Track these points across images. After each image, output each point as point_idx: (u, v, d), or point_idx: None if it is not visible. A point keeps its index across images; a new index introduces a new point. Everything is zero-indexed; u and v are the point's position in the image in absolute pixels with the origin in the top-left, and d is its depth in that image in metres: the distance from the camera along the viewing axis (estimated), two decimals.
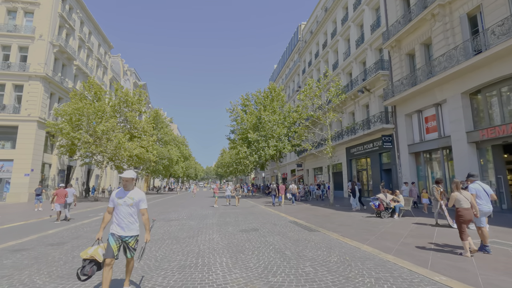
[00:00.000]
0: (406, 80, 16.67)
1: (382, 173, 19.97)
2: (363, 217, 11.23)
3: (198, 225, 9.93)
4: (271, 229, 8.85)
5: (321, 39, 31.36)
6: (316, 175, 32.84)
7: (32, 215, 13.58)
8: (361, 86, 21.03)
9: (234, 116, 29.92)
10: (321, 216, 11.90)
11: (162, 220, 11.19)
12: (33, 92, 24.29)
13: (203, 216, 12.51)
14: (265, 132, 26.38)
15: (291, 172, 42.28)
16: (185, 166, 66.29)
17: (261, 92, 29.91)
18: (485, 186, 5.81)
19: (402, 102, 17.36)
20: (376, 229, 8.44)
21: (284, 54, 48.65)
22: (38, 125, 23.99)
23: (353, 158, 24.03)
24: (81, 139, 21.86)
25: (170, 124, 49.98)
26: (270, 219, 11.40)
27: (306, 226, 9.20)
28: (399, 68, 17.89)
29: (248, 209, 15.69)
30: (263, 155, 25.99)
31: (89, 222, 10.95)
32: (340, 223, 9.76)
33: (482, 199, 5.62)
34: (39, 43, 25.10)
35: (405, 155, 17.44)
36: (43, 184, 26.19)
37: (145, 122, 28.16)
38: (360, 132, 21.14)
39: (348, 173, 24.53)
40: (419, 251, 5.72)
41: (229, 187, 18.37)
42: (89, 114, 22.18)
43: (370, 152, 21.21)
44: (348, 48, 25.53)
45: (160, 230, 8.87)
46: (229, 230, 8.76)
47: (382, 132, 19.13)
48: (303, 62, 37.90)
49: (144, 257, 5.44)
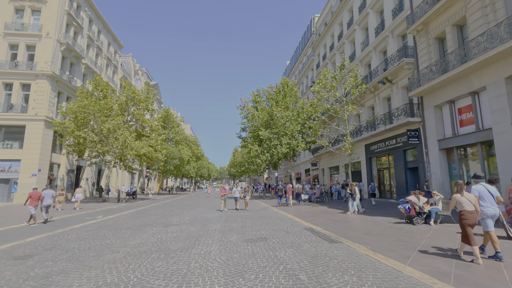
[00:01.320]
0: (435, 67, 14.76)
1: (407, 172, 18.05)
2: (391, 224, 9.57)
3: (198, 232, 8.60)
4: (283, 238, 7.40)
5: (336, 30, 29.51)
6: (332, 174, 31.00)
7: (25, 218, 12.70)
8: (382, 77, 19.17)
9: (244, 113, 28.56)
10: (341, 222, 10.31)
11: (160, 226, 9.95)
12: (40, 91, 23.87)
13: (206, 221, 11.20)
14: (277, 130, 24.88)
15: (305, 172, 40.53)
16: (198, 166, 65.73)
17: (273, 88, 28.41)
18: (490, 187, 5.43)
19: (430, 92, 15.44)
20: (414, 240, 6.82)
21: (297, 49, 46.92)
22: (45, 124, 23.53)
23: (373, 156, 22.14)
24: (87, 138, 21.13)
25: (182, 123, 49.42)
26: (282, 224, 9.93)
27: (325, 235, 7.68)
28: (426, 54, 15.96)
29: (258, 212, 14.28)
30: (275, 154, 24.51)
31: (80, 227, 9.86)
32: (366, 231, 8.17)
33: (486, 201, 5.26)
34: (46, 41, 24.67)
35: (434, 152, 15.51)
36: (52, 185, 25.81)
37: (153, 120, 27.24)
38: (381, 127, 19.27)
39: (368, 172, 22.65)
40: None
41: (237, 188, 15.94)
42: (94, 112, 21.42)
43: (392, 149, 19.31)
44: (367, 37, 23.64)
45: (152, 238, 7.61)
46: (232, 239, 7.37)
47: (407, 127, 17.24)
48: (317, 56, 36.10)
49: (110, 282, 4.13)
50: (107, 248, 6.47)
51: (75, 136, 21.09)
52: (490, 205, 5.23)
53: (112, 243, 6.99)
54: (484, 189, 5.38)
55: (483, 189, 5.37)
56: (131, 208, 18.10)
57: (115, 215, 13.73)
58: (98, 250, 6.29)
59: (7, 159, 22.81)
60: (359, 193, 13.90)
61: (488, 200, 5.26)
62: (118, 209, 17.47)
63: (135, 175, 47.55)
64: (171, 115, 45.86)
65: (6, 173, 22.80)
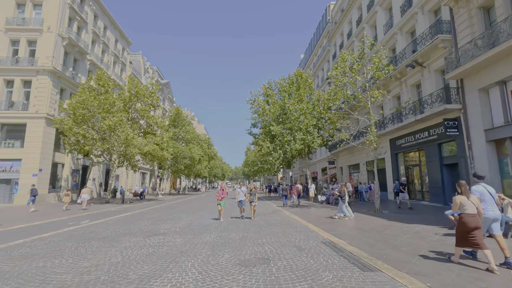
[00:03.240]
0: (482, 41, 12.10)
1: (443, 170, 15.37)
2: (440, 236, 7.22)
3: (183, 246, 6.64)
4: (292, 260, 5.30)
5: (355, 15, 26.90)
6: (351, 173, 28.38)
7: (14, 221, 11.24)
8: (411, 60, 16.56)
9: (255, 108, 26.45)
10: (371, 231, 8.05)
11: (142, 235, 8.07)
12: (41, 87, 22.88)
13: (202, 228, 9.24)
14: (290, 124, 22.65)
15: (322, 171, 37.94)
16: (211, 166, 64.35)
17: (285, 79, 26.18)
18: (490, 188, 5.11)
19: (474, 72, 12.79)
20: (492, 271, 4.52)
21: (311, 42, 44.36)
22: (46, 122, 22.49)
23: (399, 151, 19.48)
24: (87, 135, 19.80)
25: (196, 123, 48.25)
26: (294, 235, 7.80)
27: (353, 255, 5.50)
28: (468, 28, 13.29)
29: (267, 217, 12.19)
30: (289, 151, 22.28)
31: (48, 236, 8.16)
32: (410, 249, 5.92)
33: (487, 204, 4.94)
34: (47, 36, 23.68)
35: (480, 144, 12.84)
36: (56, 185, 24.87)
37: (158, 117, 25.72)
38: (410, 118, 16.65)
39: (394, 170, 20.00)
40: None
41: (242, 188, 11.88)
42: (93, 108, 20.06)
43: (424, 143, 16.65)
44: (390, 18, 20.99)
45: (116, 257, 5.70)
46: (222, 260, 5.35)
47: (444, 116, 14.59)
48: (333, 46, 33.51)
49: None
50: (42, 274, 4.62)
51: (74, 134, 19.80)
52: (490, 208, 4.94)
53: (59, 265, 5.15)
54: (485, 190, 5.04)
55: (484, 190, 5.03)
56: (129, 210, 16.51)
57: (104, 219, 12.07)
58: (25, 278, 4.44)
59: (8, 158, 21.92)
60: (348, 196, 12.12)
61: (489, 203, 4.95)
62: (115, 211, 15.92)
63: (146, 175, 46.64)
64: (182, 113, 44.56)
65: (8, 173, 21.91)
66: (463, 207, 4.77)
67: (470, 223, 4.63)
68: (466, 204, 4.73)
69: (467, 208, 4.71)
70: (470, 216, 4.66)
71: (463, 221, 4.71)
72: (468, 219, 4.65)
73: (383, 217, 11.26)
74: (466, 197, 4.80)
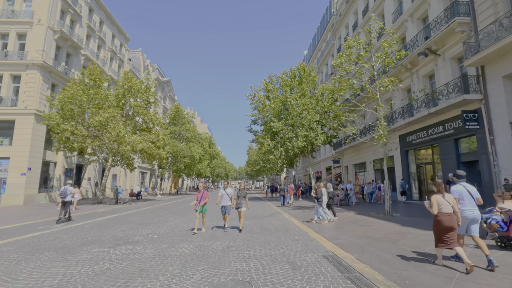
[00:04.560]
0: (508, 20, 10.60)
1: (461, 168, 13.83)
2: (470, 248, 5.80)
3: (148, 260, 5.34)
4: (282, 284, 3.94)
5: (361, 5, 25.37)
6: (357, 172, 26.88)
7: None
8: (424, 47, 15.06)
9: (255, 104, 25.08)
10: (384, 241, 6.65)
11: (108, 244, 6.79)
12: (30, 82, 21.84)
13: (183, 235, 7.94)
14: (292, 120, 21.27)
15: (326, 170, 36.44)
16: (213, 165, 63.13)
17: (287, 73, 24.78)
18: (470, 187, 4.94)
19: (498, 57, 11.30)
20: None
21: (315, 36, 42.86)
22: (35, 119, 21.44)
23: (410, 148, 17.95)
24: (75, 132, 18.67)
25: (200, 123, 47.07)
26: (290, 246, 6.45)
27: (364, 279, 4.12)
28: (491, 7, 11.78)
29: (263, 221, 10.86)
30: (291, 148, 20.89)
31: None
32: (441, 269, 4.52)
33: (466, 204, 4.81)
34: (37, 29, 22.64)
35: (504, 138, 11.34)
36: (48, 185, 23.85)
37: (154, 113, 24.51)
38: (422, 111, 15.14)
39: (404, 169, 18.47)
40: None
41: (227, 190, 8.83)
42: (82, 103, 18.92)
43: (438, 139, 15.13)
44: (399, 5, 19.47)
45: (56, 276, 4.42)
46: (188, 284, 4.02)
47: (462, 107, 13.07)
48: (337, 39, 32.00)
49: None
50: None
51: (62, 130, 18.68)
52: (469, 207, 4.78)
53: None
54: (465, 189, 4.90)
55: (463, 189, 4.90)
56: (118, 212, 15.31)
57: (82, 222, 10.87)
58: None
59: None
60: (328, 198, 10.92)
61: (467, 202, 4.82)
62: (102, 213, 14.73)
63: (146, 175, 45.62)
64: (182, 111, 43.40)
65: None
66: (439, 206, 4.67)
67: (444, 222, 4.55)
68: (442, 203, 4.65)
69: (443, 207, 4.63)
70: (446, 215, 4.58)
71: (438, 220, 4.62)
72: (443, 218, 4.57)
73: (396, 221, 9.83)
74: (441, 196, 4.69)
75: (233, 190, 8.97)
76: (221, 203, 8.77)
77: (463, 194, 4.86)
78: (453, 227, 4.53)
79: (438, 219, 4.64)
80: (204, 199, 8.39)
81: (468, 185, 4.98)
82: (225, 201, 8.71)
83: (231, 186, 10.56)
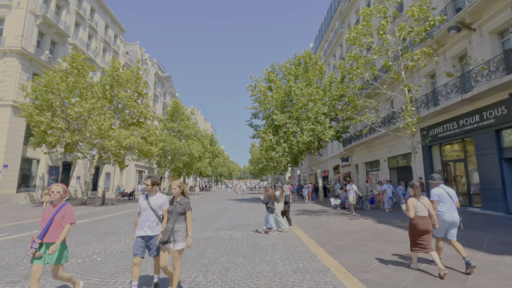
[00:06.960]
0: None
1: (504, 165, 11.26)
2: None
3: None
4: None
5: None
6: (369, 171, 24.31)
7: None
8: (455, 20, 12.50)
9: (256, 95, 22.73)
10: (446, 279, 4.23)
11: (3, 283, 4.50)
12: (8, 71, 19.82)
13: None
14: (296, 113, 18.88)
15: (334, 169, 33.88)
16: (215, 164, 60.94)
17: (291, 61, 22.37)
18: (450, 190, 4.88)
19: None
20: None
21: (321, 27, 40.30)
22: (13, 111, 19.42)
23: (434, 143, 15.34)
24: (51, 125, 16.56)
25: (199, 118, 44.98)
26: (284, 279, 4.06)
27: None
28: None
29: (256, 232, 8.48)
30: (295, 143, 18.51)
31: None
32: None
33: (445, 207, 4.70)
34: (16, 13, 20.63)
35: None
36: (30, 184, 21.84)
37: (144, 106, 22.29)
38: (453, 99, 12.58)
39: (426, 167, 15.87)
40: None
41: (153, 201, 3.95)
42: (59, 92, 16.79)
43: (473, 131, 12.55)
44: None
45: None
46: None
47: (509, 90, 10.50)
48: (346, 27, 29.43)
49: None
50: None
51: (36, 123, 16.58)
52: (448, 210, 4.69)
53: None
54: (445, 192, 4.82)
55: (443, 192, 4.82)
56: (94, 215, 13.10)
57: (29, 232, 8.63)
58: None
59: None
60: (285, 201, 8.99)
61: (448, 205, 4.73)
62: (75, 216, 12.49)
63: (144, 174, 43.62)
64: (181, 107, 41.26)
65: None
66: (415, 210, 4.59)
67: (419, 226, 4.48)
68: (417, 207, 4.58)
69: (419, 210, 4.56)
70: (421, 218, 4.52)
71: (414, 223, 4.56)
72: (418, 221, 4.51)
73: None
74: (416, 199, 4.63)
75: (163, 200, 4.04)
76: (137, 231, 3.87)
77: (443, 197, 4.77)
78: (428, 230, 4.48)
79: (413, 222, 4.59)
80: (56, 228, 3.48)
81: (448, 188, 4.91)
82: (148, 225, 3.87)
83: (159, 191, 4.08)
